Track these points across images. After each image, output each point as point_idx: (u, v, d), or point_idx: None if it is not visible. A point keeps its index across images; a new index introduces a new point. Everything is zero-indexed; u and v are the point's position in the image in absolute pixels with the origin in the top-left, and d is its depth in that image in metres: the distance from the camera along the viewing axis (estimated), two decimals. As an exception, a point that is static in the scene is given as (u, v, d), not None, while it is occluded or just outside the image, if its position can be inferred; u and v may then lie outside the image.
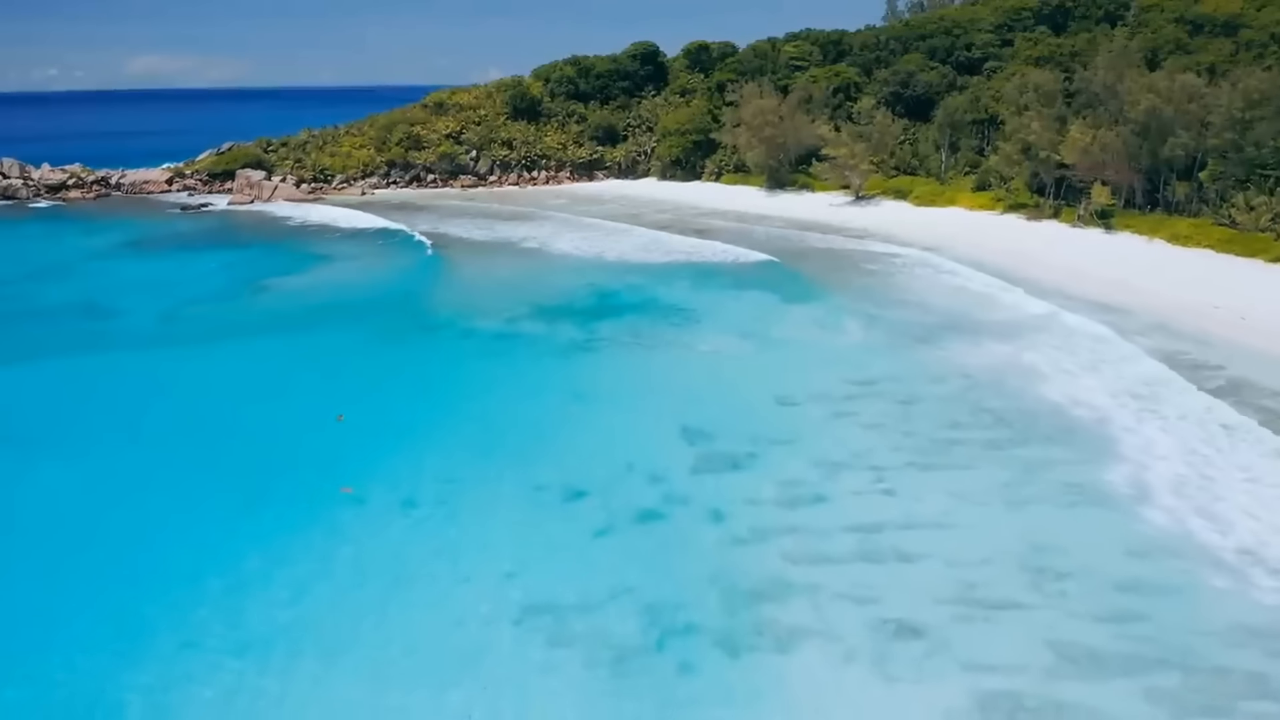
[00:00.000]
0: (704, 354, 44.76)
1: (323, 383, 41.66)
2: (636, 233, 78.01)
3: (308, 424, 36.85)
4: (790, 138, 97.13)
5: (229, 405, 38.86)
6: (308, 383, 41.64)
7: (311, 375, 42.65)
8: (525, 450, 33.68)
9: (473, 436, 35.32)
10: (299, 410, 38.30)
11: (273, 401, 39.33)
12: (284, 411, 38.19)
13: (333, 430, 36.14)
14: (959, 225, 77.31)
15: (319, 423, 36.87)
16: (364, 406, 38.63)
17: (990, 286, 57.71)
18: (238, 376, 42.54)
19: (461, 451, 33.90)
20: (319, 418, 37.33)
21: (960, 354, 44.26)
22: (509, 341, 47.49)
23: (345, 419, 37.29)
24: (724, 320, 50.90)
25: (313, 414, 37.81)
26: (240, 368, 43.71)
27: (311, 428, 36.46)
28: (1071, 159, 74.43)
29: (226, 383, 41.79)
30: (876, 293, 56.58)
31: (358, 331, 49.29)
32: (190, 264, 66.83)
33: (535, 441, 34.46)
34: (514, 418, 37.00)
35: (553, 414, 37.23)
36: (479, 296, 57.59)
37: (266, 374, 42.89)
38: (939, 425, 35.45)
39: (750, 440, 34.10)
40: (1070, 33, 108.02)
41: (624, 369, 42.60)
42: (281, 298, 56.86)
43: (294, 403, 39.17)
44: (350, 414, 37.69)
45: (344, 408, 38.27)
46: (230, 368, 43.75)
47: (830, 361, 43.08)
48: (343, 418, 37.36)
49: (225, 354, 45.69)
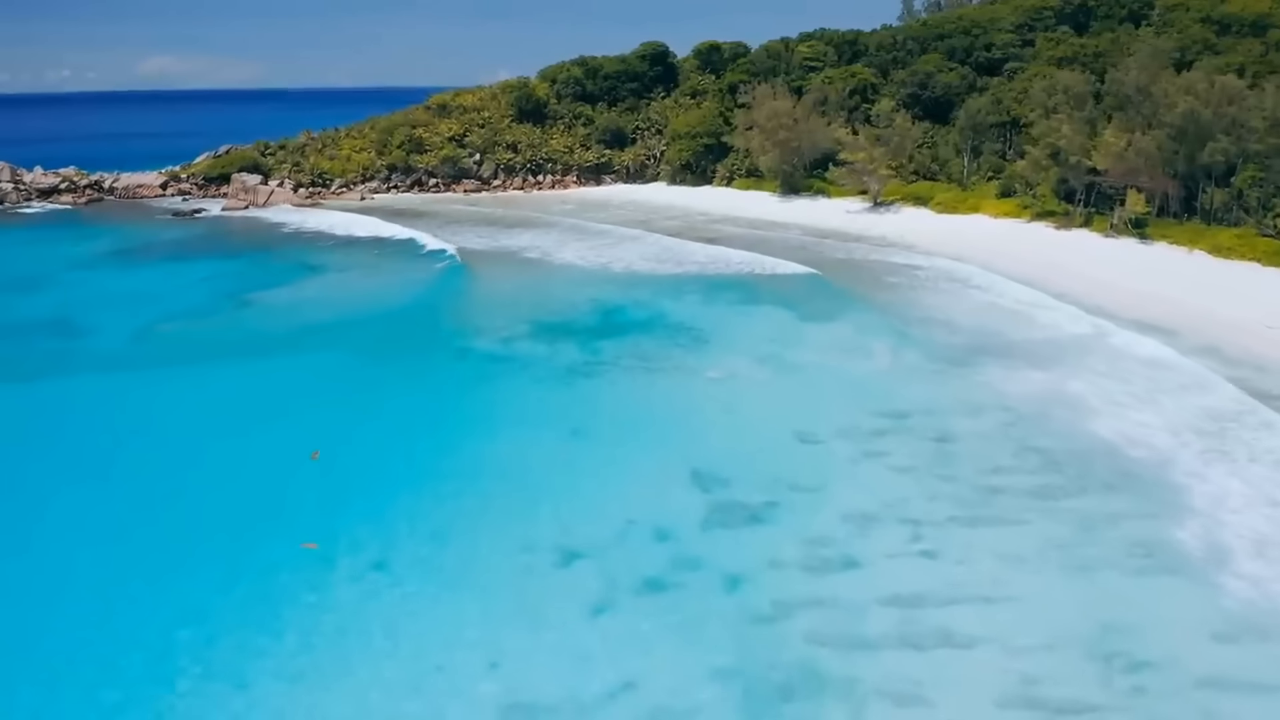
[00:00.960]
0: (716, 380, 40.99)
1: (299, 412, 38.02)
2: (645, 241, 74.29)
3: (278, 462, 33.21)
4: (805, 141, 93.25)
5: (191, 440, 35.23)
6: (282, 412, 38.01)
7: (287, 403, 39.01)
8: (516, 498, 29.96)
9: (458, 479, 31.64)
10: (270, 445, 34.66)
11: (242, 435, 35.71)
12: (253, 447, 34.57)
13: (305, 470, 32.48)
14: (984, 234, 73.40)
15: (291, 460, 33.23)
16: (341, 441, 35.00)
17: (1022, 302, 53.82)
18: (206, 405, 38.91)
19: (445, 498, 30.23)
20: (292, 454, 33.69)
21: (997, 381, 40.42)
22: (504, 364, 43.83)
23: (321, 456, 33.65)
24: (737, 340, 47.17)
25: (285, 450, 34.17)
26: (210, 395, 40.11)
27: (282, 466, 32.82)
28: (1104, 165, 70.47)
29: (193, 413, 38.16)
30: (901, 309, 52.76)
31: (341, 352, 45.67)
32: (173, 275, 63.34)
33: (527, 487, 30.74)
34: (505, 457, 33.31)
35: (548, 453, 33.49)
36: (475, 312, 54.05)
37: (238, 402, 39.27)
38: (980, 469, 31.63)
39: (769, 486, 30.33)
40: (1093, 33, 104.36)
41: (628, 398, 38.86)
42: (263, 314, 53.30)
43: (265, 436, 35.54)
44: (326, 449, 34.06)
45: (320, 442, 34.64)
46: (199, 395, 40.15)
47: (854, 390, 39.26)
48: (318, 454, 33.72)
49: (196, 379, 42.12)
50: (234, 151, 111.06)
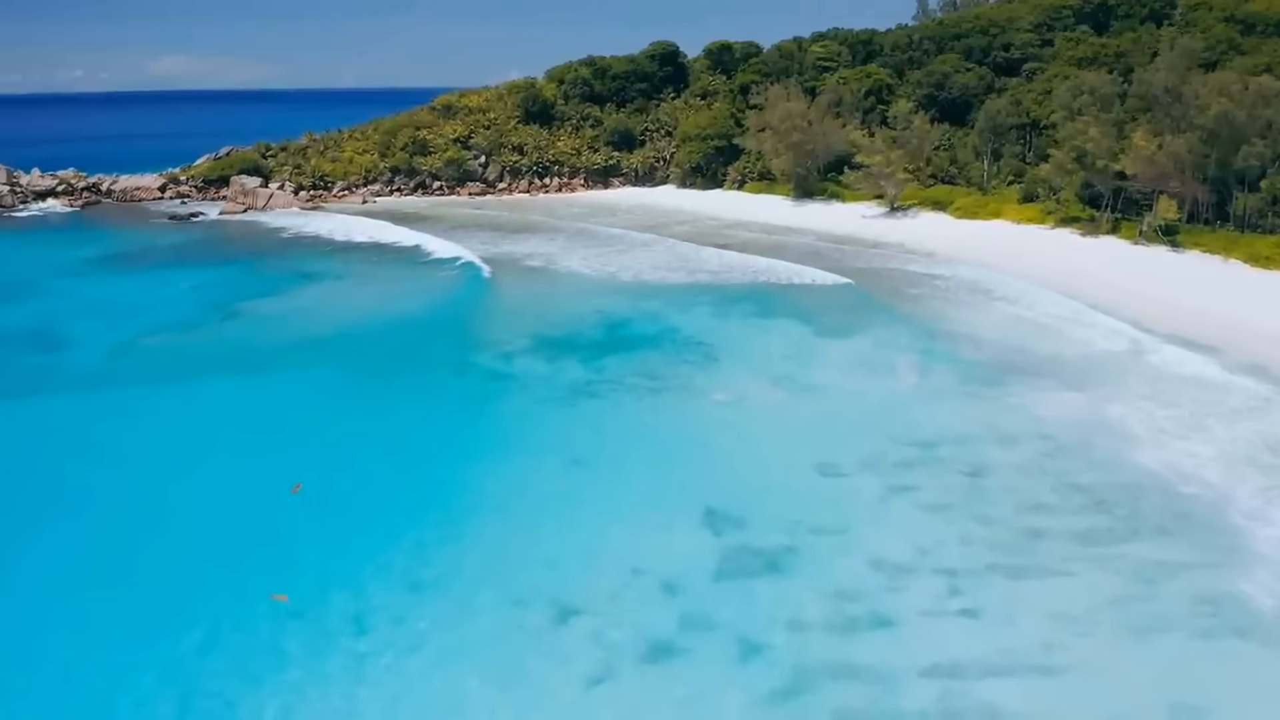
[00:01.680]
0: (729, 403, 38.20)
1: (281, 437, 35.36)
2: (654, 248, 71.57)
3: (255, 496, 30.56)
4: (819, 143, 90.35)
5: (163, 468, 32.58)
6: (264, 437, 35.34)
7: (269, 427, 36.36)
8: (510, 540, 27.26)
9: (449, 515, 28.97)
10: (248, 475, 32.00)
11: (219, 463, 33.07)
12: (230, 477, 31.91)
13: (284, 505, 29.85)
14: (1006, 241, 70.46)
15: (269, 494, 30.59)
16: (325, 470, 32.32)
17: (1051, 315, 50.95)
18: (183, 429, 36.30)
19: (433, 539, 27.54)
20: (271, 486, 31.06)
21: (1031, 404, 37.59)
22: (503, 382, 41.16)
23: (303, 488, 31.00)
24: (750, 357, 44.42)
25: (264, 481, 31.53)
26: (188, 418, 37.46)
27: (259, 501, 30.18)
28: (1134, 169, 67.46)
29: (168, 437, 35.53)
30: (923, 321, 49.94)
31: (328, 369, 43.01)
32: (161, 284, 60.81)
33: (523, 527, 28.02)
34: (501, 490, 30.61)
35: (547, 486, 30.75)
36: (473, 325, 51.34)
37: (217, 426, 36.65)
38: (1020, 508, 28.82)
39: (788, 528, 27.56)
40: (1113, 32, 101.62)
41: (634, 423, 36.09)
42: (251, 326, 50.68)
43: (244, 465, 32.89)
44: (309, 480, 31.41)
45: (302, 472, 32.02)
46: (176, 418, 37.51)
47: (878, 415, 36.44)
48: (300, 487, 31.07)
49: (174, 400, 39.48)
50: (234, 153, 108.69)
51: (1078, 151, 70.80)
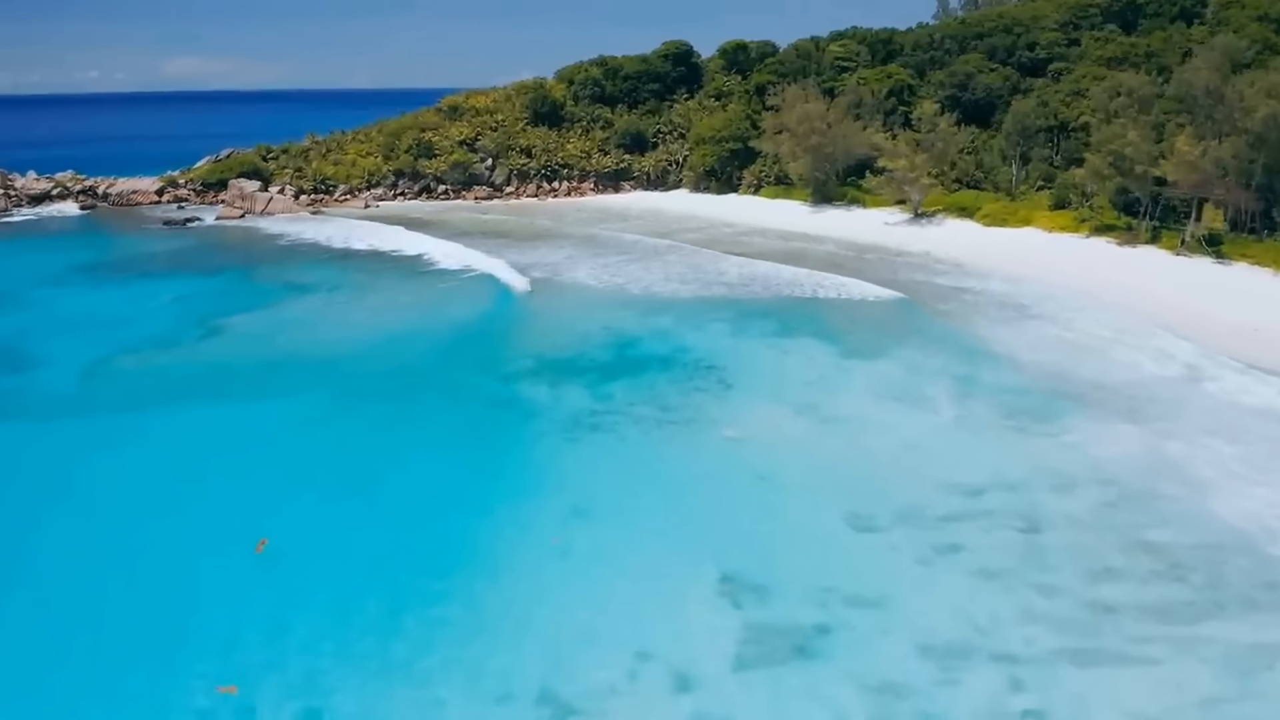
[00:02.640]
0: (746, 440, 34.43)
1: (250, 480, 31.81)
2: (667, 257, 67.98)
3: (214, 554, 27.07)
4: (839, 147, 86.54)
5: (113, 520, 29.11)
6: (231, 481, 31.80)
7: (239, 468, 32.80)
8: (499, 614, 23.68)
9: (430, 582, 25.38)
10: (208, 529, 28.50)
11: (176, 513, 29.57)
12: (187, 532, 28.38)
13: (246, 566, 26.37)
14: (1039, 251, 66.59)
15: (230, 551, 27.12)
16: (295, 520, 28.83)
17: (1093, 334, 47.15)
18: (143, 470, 32.79)
19: (409, 611, 23.99)
20: (233, 542, 27.58)
21: (1084, 440, 33.82)
22: (497, 414, 37.53)
23: (269, 545, 27.51)
24: (770, 383, 40.69)
25: (225, 535, 28.05)
26: (151, 455, 34.00)
27: (217, 561, 26.70)
28: (1176, 175, 63.50)
29: (129, 477, 32.10)
30: (956, 341, 46.15)
31: (310, 395, 39.47)
32: (145, 295, 57.46)
33: (510, 598, 24.40)
34: (487, 550, 27.04)
35: (540, 544, 27.14)
36: (469, 344, 47.65)
37: (183, 465, 33.17)
38: (1085, 574, 25.10)
39: (819, 600, 23.91)
40: (1142, 31, 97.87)
41: (640, 465, 32.36)
42: (232, 344, 47.20)
43: (205, 516, 29.39)
44: (277, 533, 27.92)
45: (269, 523, 28.55)
46: (141, 453, 34.07)
47: (915, 454, 32.73)
48: (265, 544, 27.57)
49: (141, 430, 36.07)
50: (235, 155, 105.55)
51: (1115, 156, 66.85)
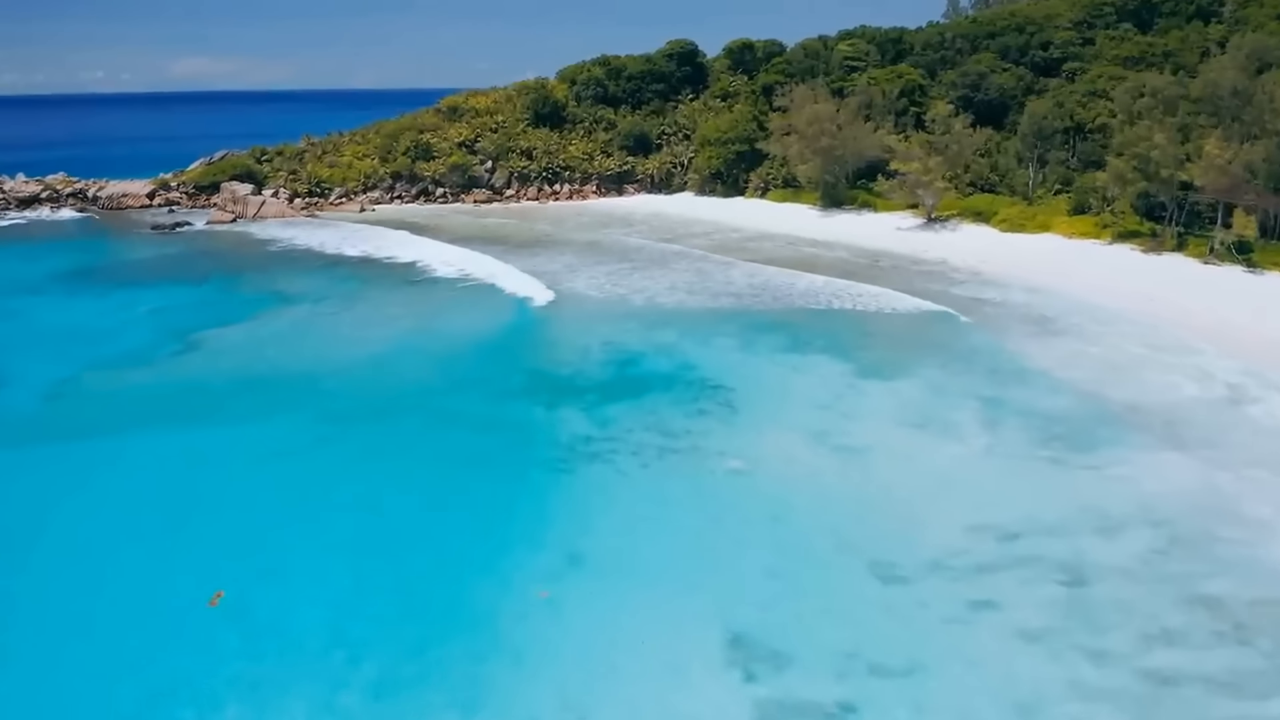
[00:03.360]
0: (757, 473, 31.54)
1: (212, 519, 29.02)
2: (673, 265, 65.13)
3: (163, 606, 24.27)
4: (849, 148, 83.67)
5: (54, 563, 26.32)
6: (191, 519, 29.02)
7: (201, 504, 30.01)
8: (470, 688, 20.82)
9: (393, 648, 22.46)
10: (161, 576, 25.69)
11: (126, 557, 26.78)
12: (139, 579, 25.60)
13: (196, 622, 23.56)
14: (1059, 258, 63.67)
15: (183, 605, 24.33)
16: (256, 567, 26.01)
17: (1125, 351, 44.22)
18: (97, 505, 30.01)
19: (380, 678, 21.17)
20: (186, 592, 24.80)
21: (1127, 474, 30.90)
22: (485, 442, 34.61)
23: (225, 597, 24.71)
24: (781, 406, 37.77)
25: (179, 583, 25.26)
26: (108, 488, 31.22)
27: (166, 615, 23.89)
28: (1204, 179, 60.58)
29: (75, 517, 29.28)
30: (981, 359, 43.23)
31: (286, 419, 36.59)
32: (123, 306, 54.75)
33: (499, 668, 21.54)
34: (467, 605, 24.15)
35: (527, 598, 24.27)
36: (459, 362, 44.74)
37: (141, 500, 30.36)
38: (1139, 638, 22.19)
39: (841, 667, 21.04)
40: (1158, 30, 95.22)
41: (641, 503, 29.41)
42: (208, 361, 44.39)
43: (159, 560, 26.60)
44: (235, 584, 25.12)
45: (228, 569, 25.77)
46: (94, 488, 31.28)
47: (942, 491, 29.83)
48: (220, 597, 24.75)
49: (98, 460, 33.31)
50: (228, 157, 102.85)
51: (1140, 159, 63.87)
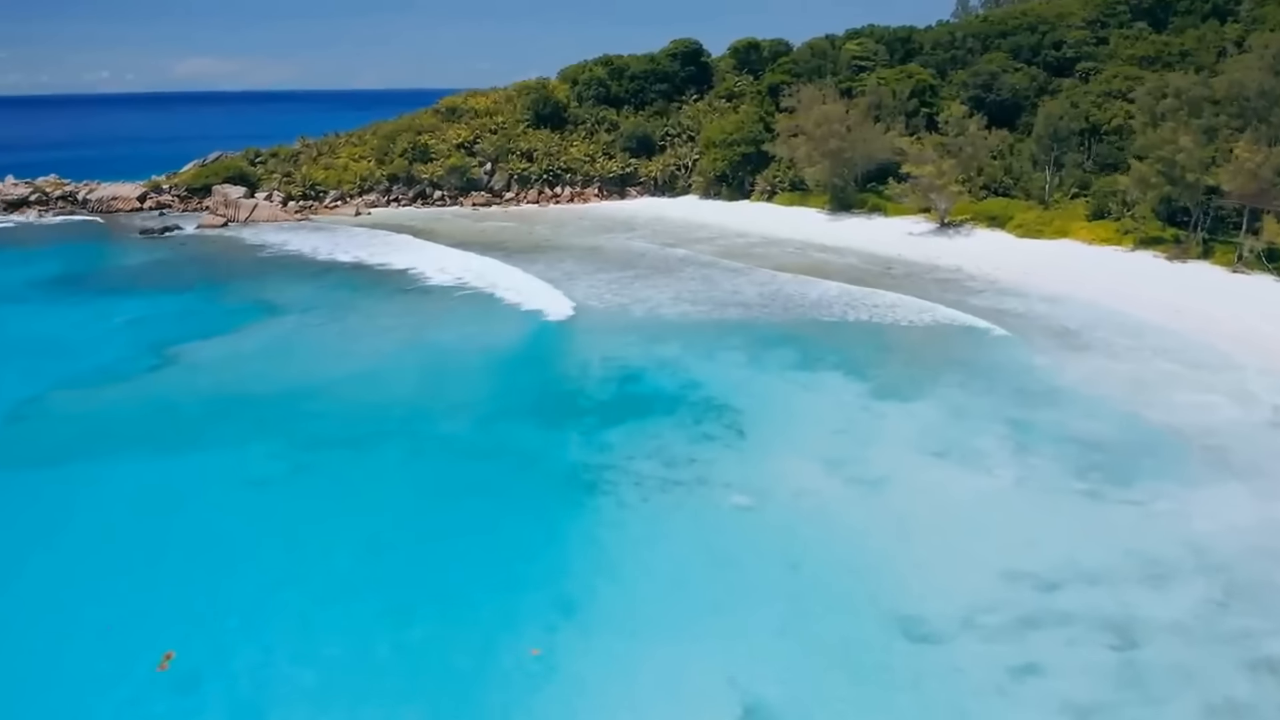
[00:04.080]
0: (768, 509, 28.86)
1: (173, 563, 26.41)
2: (676, 273, 62.54)
3: (102, 674, 21.62)
4: (859, 151, 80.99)
5: None
6: (147, 563, 26.40)
7: (160, 542, 27.41)
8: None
9: (371, 711, 19.95)
10: (106, 633, 23.06)
11: (71, 604, 24.20)
12: (79, 635, 22.99)
13: (145, 689, 20.94)
14: (1080, 266, 60.97)
15: (131, 667, 21.71)
16: (213, 622, 23.40)
17: (1159, 368, 41.55)
18: (47, 544, 27.44)
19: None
20: (134, 651, 22.22)
21: (1173, 509, 28.24)
22: (475, 470, 31.98)
23: (175, 659, 22.10)
24: (791, 430, 35.08)
25: (125, 641, 22.67)
26: (60, 524, 28.65)
27: (108, 685, 21.26)
28: (1232, 184, 57.86)
29: (21, 558, 26.71)
30: (1006, 376, 40.54)
31: (265, 446, 33.94)
32: (102, 316, 52.26)
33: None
34: (450, 664, 21.55)
35: (517, 656, 21.69)
36: (447, 379, 42.02)
37: (94, 535, 27.85)
38: (1201, 711, 19.53)
39: (868, 749, 18.45)
40: (1173, 29, 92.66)
41: (642, 545, 26.72)
42: (185, 377, 41.83)
43: (107, 609, 24.00)
44: (188, 643, 22.52)
45: (181, 623, 23.17)
46: (44, 525, 28.72)
47: (972, 532, 27.15)
48: (170, 659, 22.14)
49: (52, 494, 30.72)
50: (222, 159, 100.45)
51: (1164, 163, 61.16)
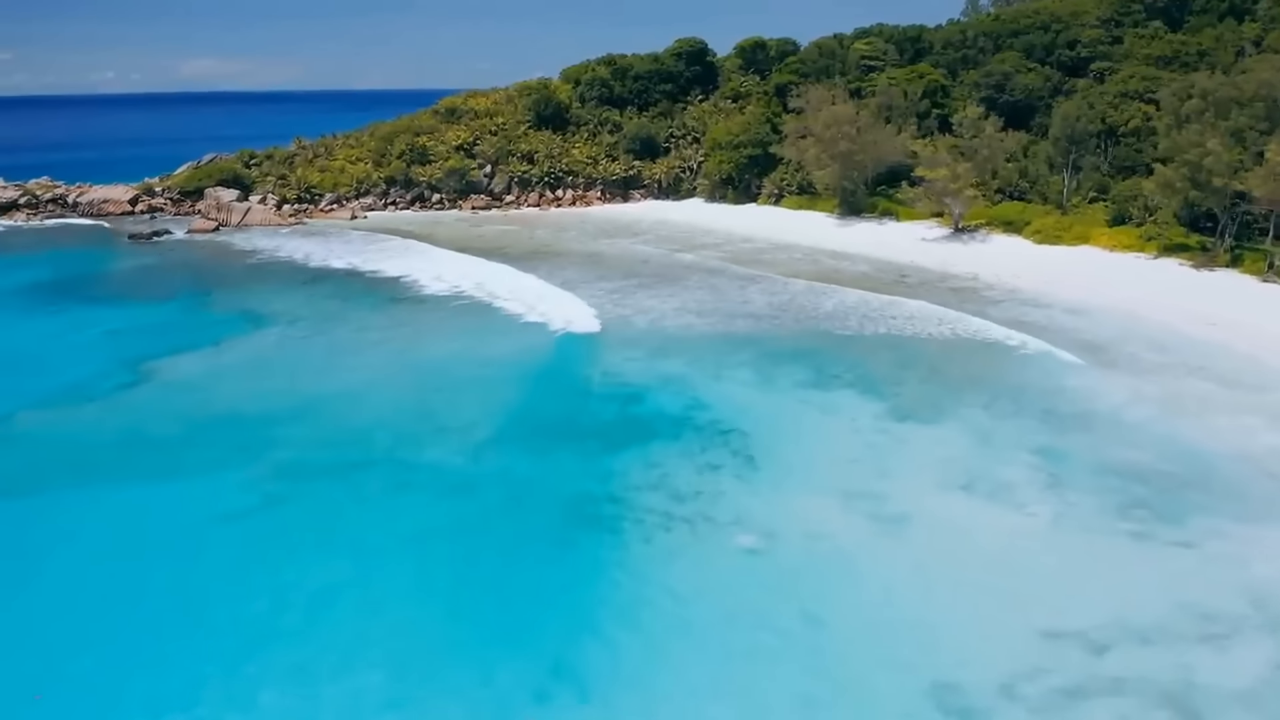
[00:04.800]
0: (781, 552, 26.25)
1: (119, 609, 23.92)
2: (681, 281, 60.00)
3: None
4: (870, 153, 78.37)
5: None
6: (95, 613, 23.89)
7: (109, 588, 24.89)
8: None
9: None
10: (36, 701, 20.56)
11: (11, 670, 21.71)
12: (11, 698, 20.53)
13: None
14: (1103, 274, 58.36)
15: None
16: (152, 690, 20.87)
17: (1197, 388, 38.89)
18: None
19: None
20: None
21: (1229, 552, 25.59)
22: (461, 506, 29.36)
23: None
24: (805, 459, 32.44)
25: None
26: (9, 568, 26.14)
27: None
28: (1263, 189, 55.28)
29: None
30: (1033, 397, 37.88)
31: (237, 475, 31.28)
32: (78, 328, 49.85)
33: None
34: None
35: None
36: (438, 399, 39.28)
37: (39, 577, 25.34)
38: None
39: None
40: (1189, 29, 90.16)
41: (643, 600, 23.99)
42: (159, 396, 39.27)
43: (38, 678, 21.47)
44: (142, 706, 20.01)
45: (125, 686, 20.66)
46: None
47: (1008, 581, 24.48)
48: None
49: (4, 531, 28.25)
50: (216, 161, 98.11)
51: (1191, 167, 58.52)
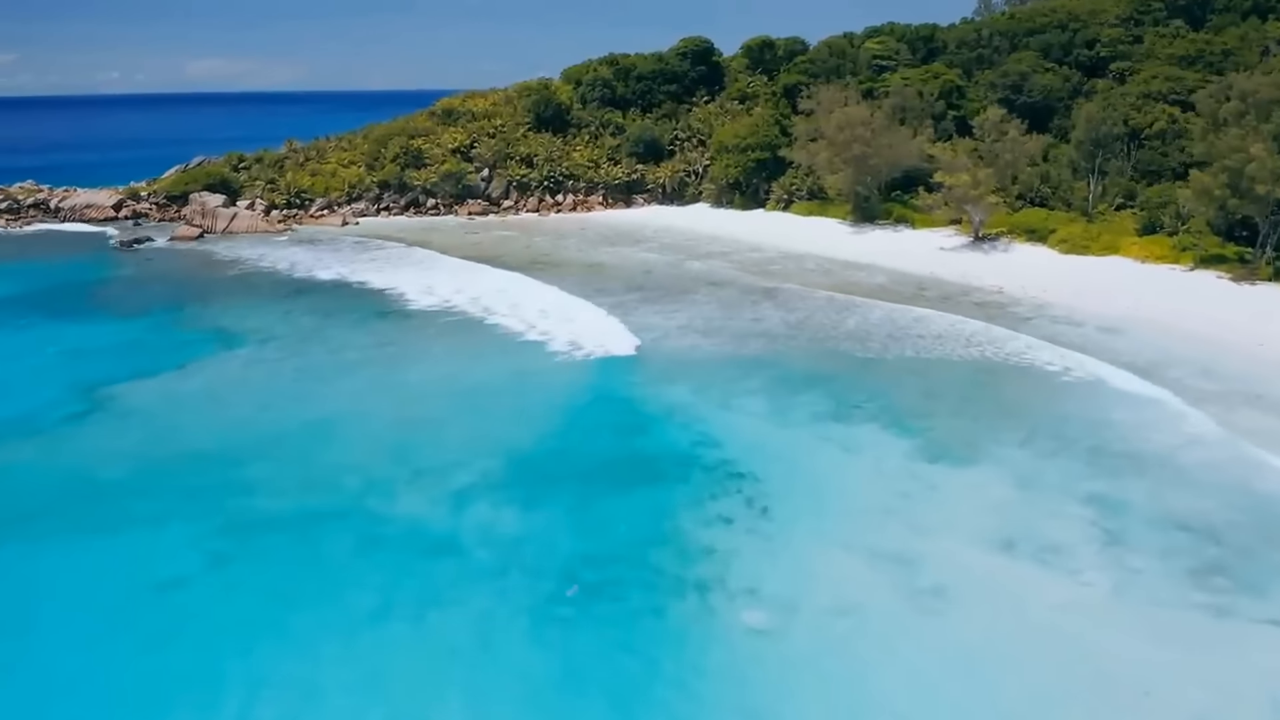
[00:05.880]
0: (800, 634, 22.52)
1: (26, 697, 20.34)
2: (689, 293, 56.42)
3: None
4: (884, 157, 74.64)
5: None
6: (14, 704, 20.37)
7: (37, 676, 21.33)
8: None
9: None
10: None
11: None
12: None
13: None
14: (1136, 288, 54.58)
15: None
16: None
17: (1258, 421, 35.15)
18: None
19: None
20: None
21: (1320, 634, 21.96)
22: (436, 570, 25.71)
23: None
24: (824, 509, 28.70)
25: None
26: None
27: None
28: (1310, 197, 51.60)
29: None
30: (1078, 432, 34.09)
31: (186, 528, 27.67)
32: (35, 347, 46.27)
33: None
34: None
35: None
36: (417, 435, 35.49)
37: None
38: None
39: None
40: (1211, 28, 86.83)
41: (644, 702, 20.46)
42: (112, 430, 35.54)
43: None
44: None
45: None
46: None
47: (1064, 670, 20.72)
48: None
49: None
50: (204, 165, 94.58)
51: (1231, 173, 54.77)
